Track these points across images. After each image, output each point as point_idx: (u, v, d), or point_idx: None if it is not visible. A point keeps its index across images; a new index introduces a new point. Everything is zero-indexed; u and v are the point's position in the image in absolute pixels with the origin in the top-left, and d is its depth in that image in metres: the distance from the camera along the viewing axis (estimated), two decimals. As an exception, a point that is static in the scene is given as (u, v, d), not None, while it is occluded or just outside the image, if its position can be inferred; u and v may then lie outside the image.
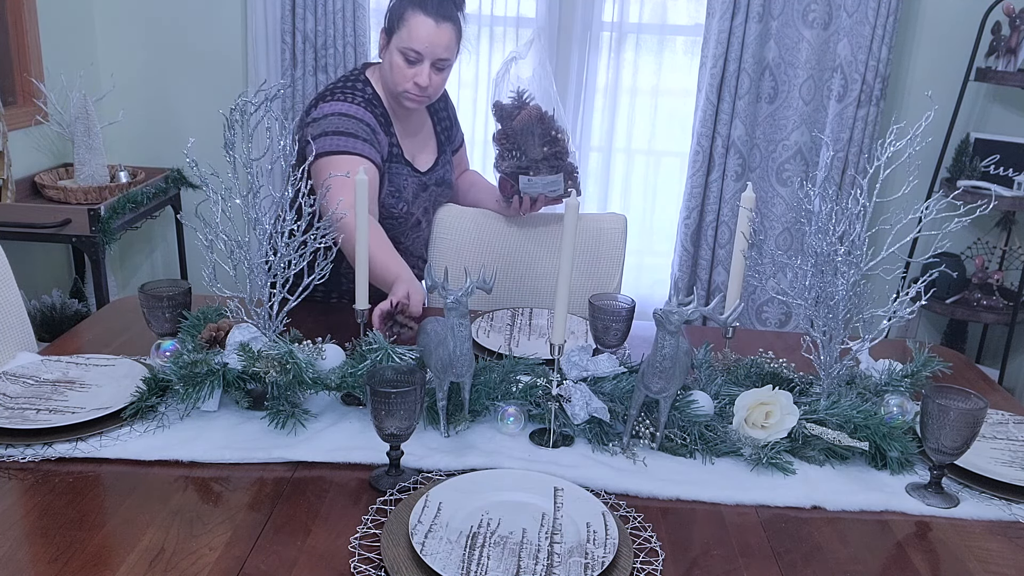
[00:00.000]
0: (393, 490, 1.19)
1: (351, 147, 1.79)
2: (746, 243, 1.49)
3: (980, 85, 3.12)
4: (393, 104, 1.93)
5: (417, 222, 2.05)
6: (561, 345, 1.31)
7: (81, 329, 1.74)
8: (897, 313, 1.35)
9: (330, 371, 1.37)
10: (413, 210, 2.01)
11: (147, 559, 1.03)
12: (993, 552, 1.15)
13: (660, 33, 3.22)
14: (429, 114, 2.07)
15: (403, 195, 1.95)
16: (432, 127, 2.08)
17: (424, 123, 2.05)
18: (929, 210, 1.33)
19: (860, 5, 2.94)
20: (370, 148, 1.82)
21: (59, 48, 3.02)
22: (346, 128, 1.80)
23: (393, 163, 1.92)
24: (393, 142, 1.92)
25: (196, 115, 3.31)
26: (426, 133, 2.06)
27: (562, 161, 1.97)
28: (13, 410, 1.33)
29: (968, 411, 1.19)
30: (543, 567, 1.02)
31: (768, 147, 3.18)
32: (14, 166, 2.72)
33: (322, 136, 1.79)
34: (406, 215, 1.99)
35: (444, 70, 1.86)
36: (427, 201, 2.07)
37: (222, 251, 1.37)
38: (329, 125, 1.80)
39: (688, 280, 3.30)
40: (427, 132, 2.06)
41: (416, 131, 2.02)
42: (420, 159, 2.02)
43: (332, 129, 1.80)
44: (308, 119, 1.85)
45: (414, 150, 2.00)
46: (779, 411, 1.32)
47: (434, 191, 2.07)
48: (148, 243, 3.52)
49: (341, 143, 1.79)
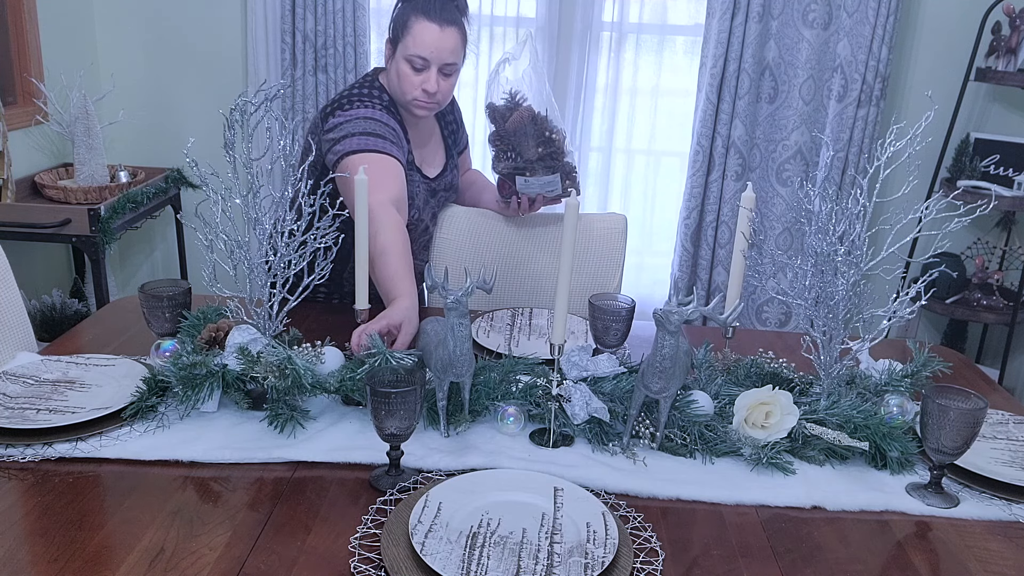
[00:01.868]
0: (393, 490, 1.19)
1: (381, 147, 1.76)
2: (746, 243, 1.49)
3: (980, 85, 3.12)
4: (404, 113, 1.92)
5: (426, 228, 2.06)
6: (561, 345, 1.31)
7: (81, 329, 1.74)
8: (897, 313, 1.35)
9: (329, 375, 1.37)
10: (423, 216, 2.01)
11: (147, 559, 1.03)
12: (993, 552, 1.15)
13: (660, 33, 3.22)
14: (436, 119, 2.07)
15: (415, 202, 1.95)
16: (440, 132, 2.08)
17: (433, 131, 2.05)
18: (929, 210, 1.33)
19: (860, 5, 2.94)
20: (398, 150, 1.80)
21: (59, 48, 3.02)
22: (374, 130, 1.78)
23: (407, 170, 1.92)
24: (408, 149, 1.92)
25: (196, 115, 3.31)
26: (435, 140, 2.05)
27: (558, 161, 1.97)
28: (13, 410, 1.33)
29: (968, 411, 1.19)
30: (543, 567, 1.02)
31: (768, 147, 3.18)
32: (14, 166, 2.72)
33: (347, 138, 1.76)
34: (416, 221, 1.99)
35: (451, 75, 1.86)
36: (436, 207, 2.07)
37: (222, 251, 1.37)
38: (355, 128, 1.77)
39: (688, 280, 3.30)
40: (436, 138, 2.06)
41: (426, 139, 2.01)
42: (429, 165, 2.02)
43: (359, 131, 1.77)
44: (327, 126, 1.80)
45: (424, 157, 2.00)
46: (779, 411, 1.32)
47: (443, 196, 2.08)
48: (148, 243, 3.52)
49: (371, 143, 1.75)
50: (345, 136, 1.76)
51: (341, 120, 1.79)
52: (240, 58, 3.25)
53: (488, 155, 2.04)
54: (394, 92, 1.88)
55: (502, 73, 1.95)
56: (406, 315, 1.51)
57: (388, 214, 1.65)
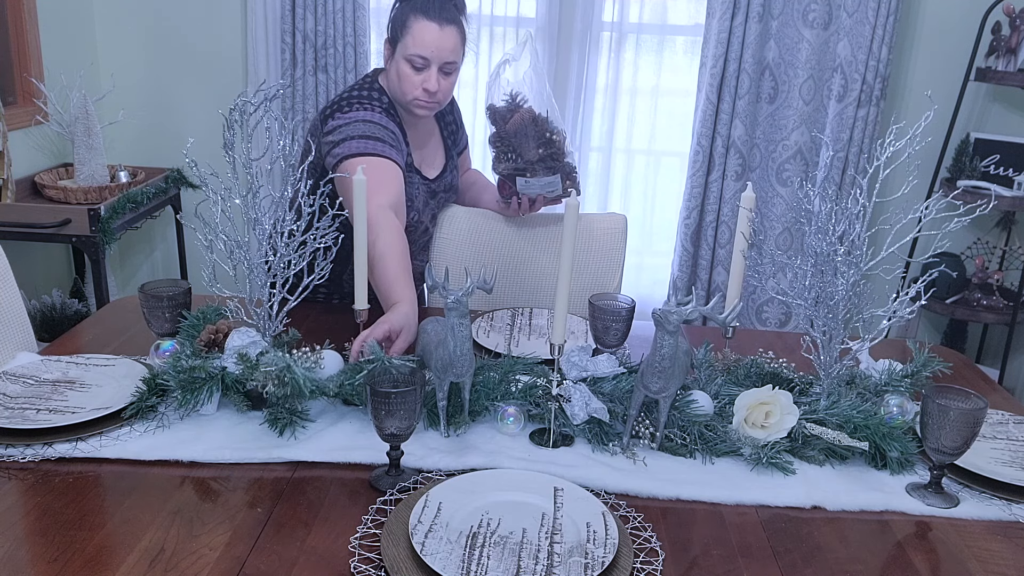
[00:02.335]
0: (393, 490, 1.19)
1: (379, 150, 1.76)
2: (746, 243, 1.49)
3: (980, 85, 3.12)
4: (403, 114, 1.92)
5: (425, 229, 2.06)
6: (561, 345, 1.31)
7: (81, 329, 1.74)
8: (897, 313, 1.35)
9: (328, 379, 1.37)
10: (423, 218, 2.01)
11: (147, 559, 1.03)
12: (993, 552, 1.15)
13: (660, 33, 3.22)
14: (436, 119, 2.07)
15: (414, 204, 1.95)
16: (440, 133, 2.08)
17: (433, 132, 2.05)
18: (929, 210, 1.33)
19: (860, 5, 2.94)
20: (397, 153, 1.79)
21: (59, 48, 3.02)
22: (372, 133, 1.78)
23: (407, 172, 1.92)
24: (408, 151, 1.92)
25: (196, 115, 3.31)
26: (434, 141, 2.05)
27: (558, 162, 1.97)
28: (13, 410, 1.33)
29: (968, 411, 1.19)
30: (543, 567, 1.02)
31: (768, 147, 3.18)
32: (14, 166, 2.72)
33: (346, 141, 1.76)
34: (416, 223, 1.99)
35: (451, 74, 1.86)
36: (435, 208, 2.07)
37: (222, 251, 1.37)
38: (354, 130, 1.77)
39: (688, 280, 3.29)
40: (435, 140, 2.06)
41: (426, 140, 2.01)
42: (428, 166, 2.02)
43: (357, 134, 1.77)
44: (326, 128, 1.81)
45: (423, 158, 2.00)
46: (779, 411, 1.32)
47: (442, 197, 2.08)
48: (148, 243, 3.52)
49: (370, 146, 1.75)
50: (344, 139, 1.76)
51: (340, 123, 1.79)
52: (240, 58, 3.25)
53: (488, 156, 2.04)
54: (394, 92, 1.87)
55: (502, 74, 1.96)
56: (406, 320, 1.50)
57: (386, 219, 1.64)
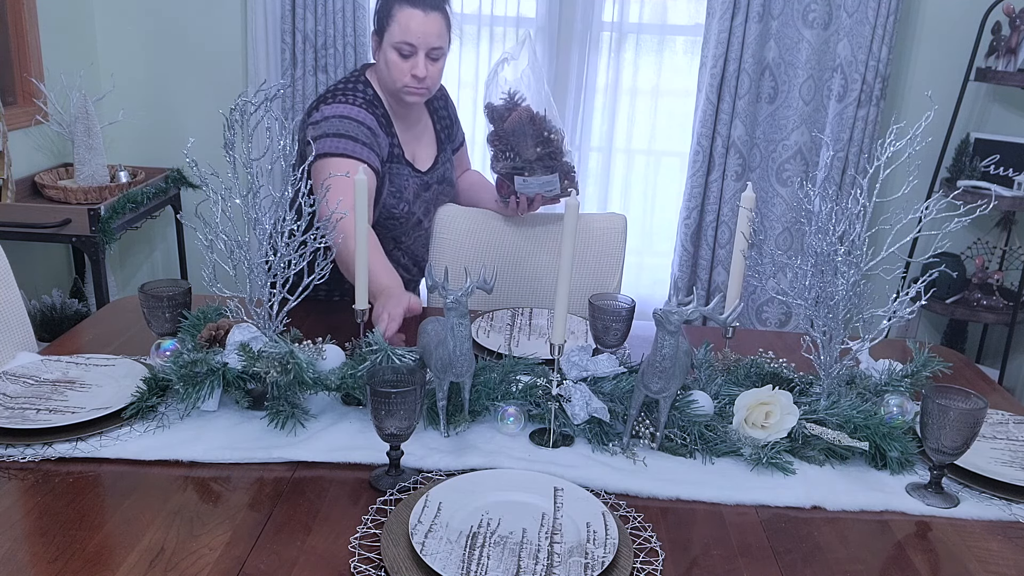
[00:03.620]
0: (393, 490, 1.19)
1: (349, 150, 1.80)
2: (746, 243, 1.49)
3: (980, 85, 3.12)
4: (393, 103, 1.94)
5: (418, 222, 2.06)
6: (561, 345, 1.31)
7: (81, 329, 1.74)
8: (897, 313, 1.35)
9: (330, 372, 1.37)
10: (414, 210, 2.01)
11: (147, 559, 1.03)
12: (993, 552, 1.15)
13: (660, 33, 3.22)
14: (429, 113, 2.08)
15: (404, 195, 1.96)
16: (432, 126, 2.08)
17: (424, 122, 2.06)
18: (929, 210, 1.33)
19: (860, 5, 2.94)
20: (368, 152, 1.83)
21: (59, 48, 3.02)
22: (346, 131, 1.82)
23: (394, 163, 1.93)
24: (394, 143, 1.93)
25: (196, 115, 3.31)
26: (426, 132, 2.06)
27: (556, 161, 1.97)
28: (13, 410, 1.33)
29: (968, 411, 1.19)
30: (543, 567, 1.02)
31: (768, 147, 3.18)
32: (14, 166, 2.72)
33: (322, 138, 1.81)
34: (407, 215, 1.99)
35: (439, 60, 1.88)
36: (429, 200, 2.07)
37: (222, 251, 1.37)
38: (330, 127, 1.82)
39: (688, 280, 3.30)
40: (427, 131, 2.07)
41: (416, 130, 2.03)
42: (421, 159, 2.02)
43: (332, 131, 1.82)
44: (309, 121, 1.86)
45: (415, 150, 2.01)
46: (779, 411, 1.32)
47: (436, 190, 2.08)
48: (148, 243, 3.52)
49: (340, 145, 1.80)
50: (320, 136, 1.82)
51: (319, 118, 1.85)
52: (240, 58, 3.25)
53: (487, 155, 2.04)
54: (384, 82, 1.90)
55: (501, 73, 1.96)
56: (387, 306, 1.58)
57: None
